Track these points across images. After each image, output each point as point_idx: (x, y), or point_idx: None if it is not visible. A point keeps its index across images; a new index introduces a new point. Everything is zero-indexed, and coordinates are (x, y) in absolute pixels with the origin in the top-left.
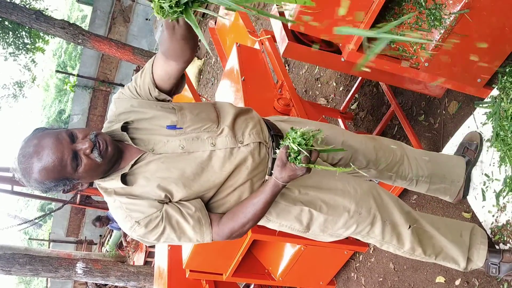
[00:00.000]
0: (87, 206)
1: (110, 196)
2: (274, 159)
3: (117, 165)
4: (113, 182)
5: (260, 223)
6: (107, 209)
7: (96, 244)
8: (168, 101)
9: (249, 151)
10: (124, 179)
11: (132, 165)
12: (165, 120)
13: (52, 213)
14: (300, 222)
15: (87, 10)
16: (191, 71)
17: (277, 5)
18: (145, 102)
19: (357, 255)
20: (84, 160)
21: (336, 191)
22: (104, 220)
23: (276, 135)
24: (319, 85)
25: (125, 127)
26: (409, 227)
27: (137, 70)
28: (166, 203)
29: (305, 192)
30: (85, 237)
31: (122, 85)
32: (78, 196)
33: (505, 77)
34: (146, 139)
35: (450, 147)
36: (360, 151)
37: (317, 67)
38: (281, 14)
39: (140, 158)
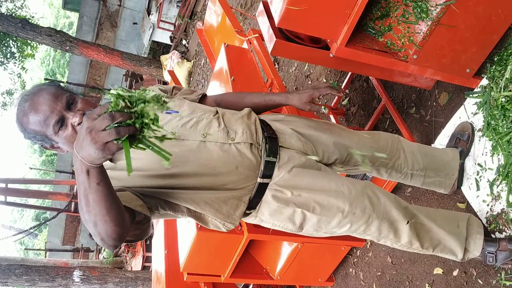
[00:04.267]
0: None
1: None
2: (266, 162)
3: None
4: None
5: (254, 222)
6: None
7: (93, 251)
8: None
9: (240, 149)
10: None
11: None
12: None
13: (47, 222)
14: (293, 222)
15: (74, 16)
16: (181, 73)
17: None
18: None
19: (355, 250)
20: (68, 130)
21: (329, 192)
22: None
23: (270, 136)
24: (309, 82)
25: None
26: (407, 223)
27: (126, 75)
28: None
29: (297, 194)
30: (82, 244)
31: None
32: (73, 203)
33: (494, 66)
34: None
35: (442, 138)
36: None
37: (307, 64)
38: None
39: None
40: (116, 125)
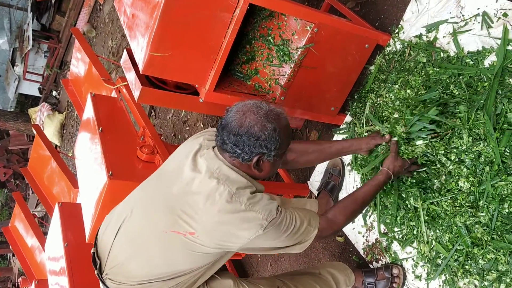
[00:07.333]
0: None
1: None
2: None
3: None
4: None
5: None
6: None
7: None
8: None
9: None
10: None
11: None
12: None
13: None
14: None
15: None
16: (52, 126)
17: None
18: None
19: None
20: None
21: None
22: None
23: None
24: (187, 128)
25: None
26: None
27: None
28: None
29: None
30: None
31: None
32: None
33: (355, 104)
34: None
35: (317, 175)
36: None
37: (183, 110)
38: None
39: None
40: None
